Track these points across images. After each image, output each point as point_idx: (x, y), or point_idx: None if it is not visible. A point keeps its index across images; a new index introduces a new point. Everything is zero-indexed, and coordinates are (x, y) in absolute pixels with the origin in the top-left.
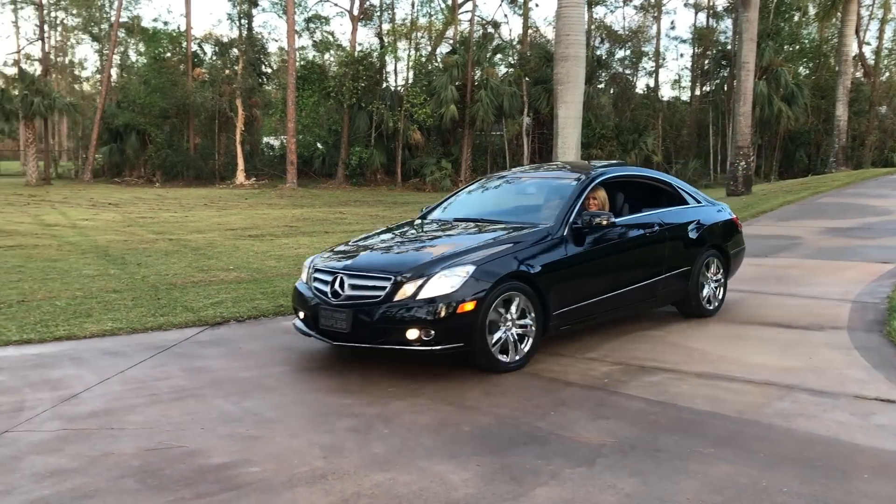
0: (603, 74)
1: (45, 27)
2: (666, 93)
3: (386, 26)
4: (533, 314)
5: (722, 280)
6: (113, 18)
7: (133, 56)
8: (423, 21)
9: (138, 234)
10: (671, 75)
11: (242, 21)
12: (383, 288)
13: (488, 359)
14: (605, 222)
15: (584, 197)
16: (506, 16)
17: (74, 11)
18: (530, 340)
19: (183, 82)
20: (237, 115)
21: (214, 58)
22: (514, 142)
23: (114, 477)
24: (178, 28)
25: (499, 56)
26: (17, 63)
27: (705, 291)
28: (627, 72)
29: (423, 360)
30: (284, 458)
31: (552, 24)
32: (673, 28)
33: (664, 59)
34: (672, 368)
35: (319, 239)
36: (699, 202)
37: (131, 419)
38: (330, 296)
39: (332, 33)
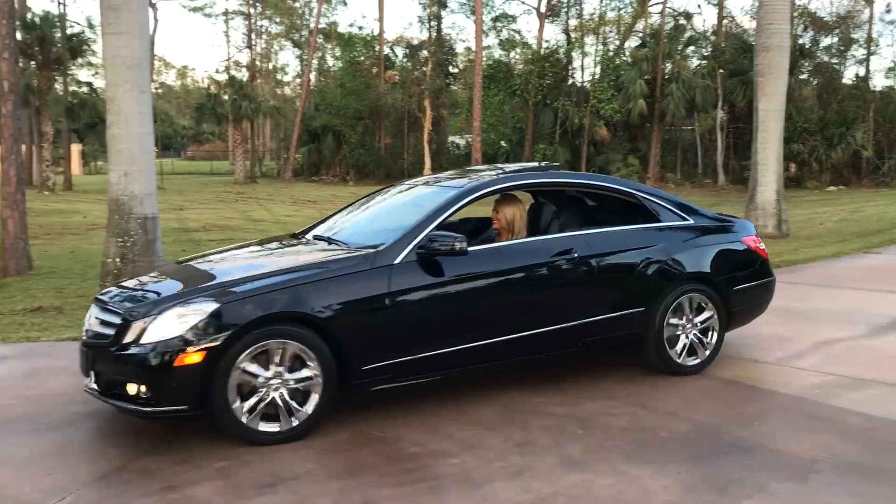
0: (806, 64)
1: (252, 35)
2: (879, 82)
3: (573, 22)
4: (317, 363)
5: (713, 326)
6: (312, 25)
7: (330, 60)
8: (611, 15)
9: None
10: (885, 63)
11: (431, 23)
12: (114, 326)
13: (238, 428)
14: (457, 247)
15: (445, 215)
16: (699, 6)
17: (278, 20)
18: (315, 398)
19: (375, 85)
20: (425, 116)
21: (405, 60)
22: (707, 137)
23: (322, 461)
24: (372, 32)
25: (691, 48)
26: (227, 70)
27: (681, 342)
28: (834, 61)
29: (546, 366)
30: (481, 451)
31: (749, 13)
32: (888, 11)
33: (877, 45)
34: (894, 382)
35: None
36: (685, 218)
37: (335, 407)
38: (84, 331)
39: (518, 31)
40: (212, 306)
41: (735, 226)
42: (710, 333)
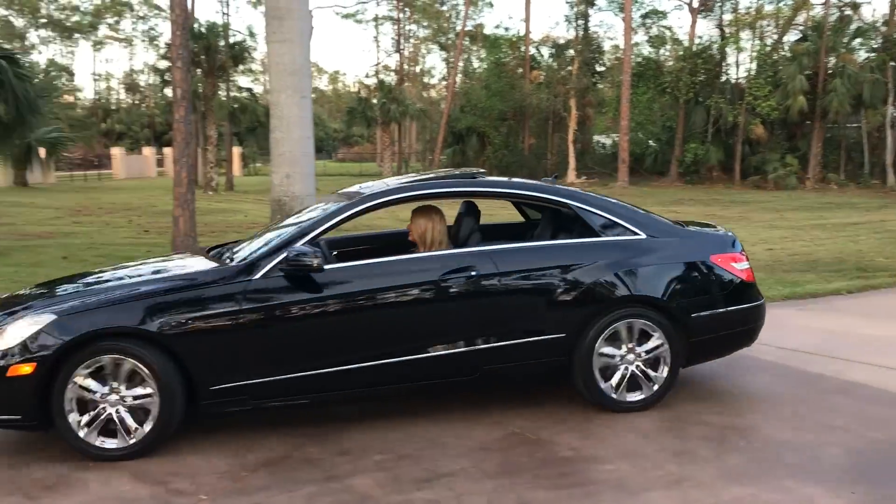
0: None
1: (401, 40)
2: None
3: (727, 16)
4: (154, 381)
5: (663, 357)
6: (459, 28)
7: (475, 62)
8: (769, 8)
9: None
10: None
11: (578, 22)
12: None
13: (75, 441)
14: (313, 263)
15: (321, 229)
16: None
17: (425, 23)
18: (153, 417)
19: (520, 85)
20: (570, 115)
21: (550, 59)
22: (875, 134)
23: (476, 459)
24: (518, 33)
25: (858, 40)
26: (377, 74)
27: (617, 374)
28: None
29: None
30: (637, 459)
31: None
32: None
33: None
34: None
35: None
36: (635, 233)
37: (488, 407)
38: None
39: (668, 28)
40: (48, 318)
41: (703, 241)
42: (659, 366)
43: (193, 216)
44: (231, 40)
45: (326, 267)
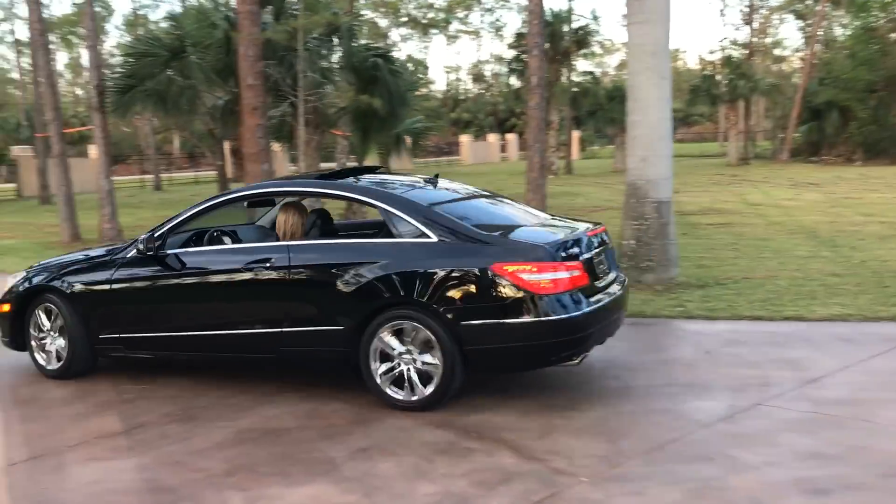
0: None
1: (752, 11)
2: None
3: None
4: (66, 329)
5: (435, 369)
6: None
7: (838, 30)
8: None
9: (845, 216)
10: None
11: None
12: None
13: (31, 358)
14: (140, 248)
15: (177, 221)
16: None
17: None
18: (63, 357)
19: (893, 51)
20: None
21: None
22: None
23: (878, 473)
24: None
25: None
26: (722, 49)
27: (391, 364)
28: None
29: None
30: None
31: None
32: None
33: None
34: None
35: None
36: (426, 235)
37: (883, 414)
38: None
39: None
40: (21, 274)
41: (495, 249)
42: (431, 379)
43: (544, 200)
44: (574, 25)
45: (169, 252)
